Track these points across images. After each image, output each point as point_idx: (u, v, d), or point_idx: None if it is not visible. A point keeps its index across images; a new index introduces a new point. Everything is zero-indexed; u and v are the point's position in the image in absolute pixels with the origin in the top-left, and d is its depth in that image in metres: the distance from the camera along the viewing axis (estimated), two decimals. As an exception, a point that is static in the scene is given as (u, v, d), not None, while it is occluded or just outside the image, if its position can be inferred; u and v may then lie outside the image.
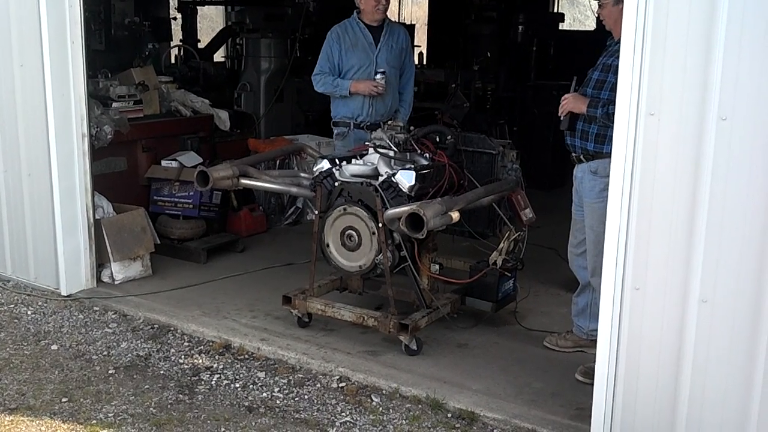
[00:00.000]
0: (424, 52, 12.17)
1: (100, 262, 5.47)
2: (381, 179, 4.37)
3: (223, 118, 7.19)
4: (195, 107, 7.03)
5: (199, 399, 4.00)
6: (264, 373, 4.28)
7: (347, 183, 4.47)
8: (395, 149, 4.52)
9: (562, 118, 4.21)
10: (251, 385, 4.15)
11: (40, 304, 5.21)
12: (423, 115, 7.84)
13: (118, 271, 5.50)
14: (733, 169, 3.03)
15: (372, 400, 3.99)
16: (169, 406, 3.92)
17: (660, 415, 3.33)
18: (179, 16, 10.21)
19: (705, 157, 3.07)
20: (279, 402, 3.98)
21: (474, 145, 4.74)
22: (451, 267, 4.98)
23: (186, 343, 4.65)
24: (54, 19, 5.01)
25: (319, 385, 4.15)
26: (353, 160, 4.59)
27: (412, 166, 4.36)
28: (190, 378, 4.23)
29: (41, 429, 3.71)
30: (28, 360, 4.41)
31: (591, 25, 16.89)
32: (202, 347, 4.59)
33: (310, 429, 3.74)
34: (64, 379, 4.18)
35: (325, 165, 4.58)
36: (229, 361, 4.42)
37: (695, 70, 3.05)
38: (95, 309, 5.12)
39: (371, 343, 4.57)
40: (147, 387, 4.11)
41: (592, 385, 3.52)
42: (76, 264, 5.33)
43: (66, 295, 5.28)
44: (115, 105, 6.22)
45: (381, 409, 3.91)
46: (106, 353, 4.51)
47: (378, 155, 4.48)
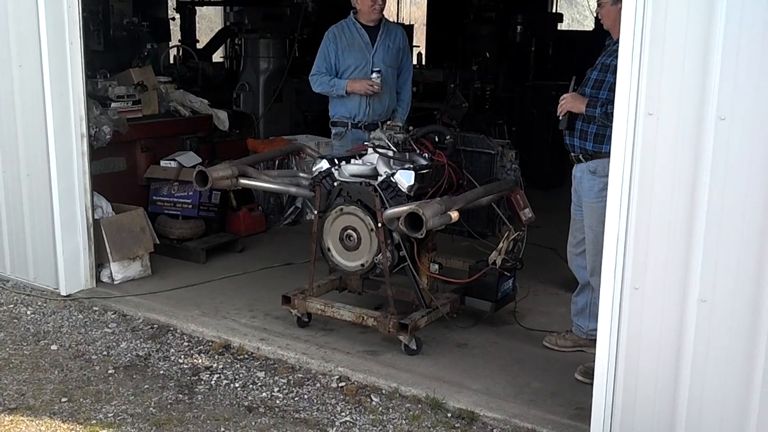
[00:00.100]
0: (423, 52, 12.17)
1: (100, 262, 5.47)
2: (380, 179, 4.37)
3: (222, 118, 7.20)
4: (194, 107, 7.04)
5: (199, 399, 4.00)
6: (263, 372, 4.28)
7: (346, 183, 4.47)
8: (394, 149, 4.52)
9: (560, 118, 4.21)
10: (251, 385, 4.15)
11: (40, 304, 5.21)
12: (422, 115, 7.86)
13: (118, 271, 5.50)
14: (731, 168, 3.03)
15: (371, 400, 3.99)
16: (168, 406, 3.92)
17: (659, 415, 3.33)
18: (178, 16, 10.21)
19: (703, 157, 3.07)
20: (278, 402, 3.98)
21: (473, 145, 4.75)
22: (451, 267, 4.98)
23: (185, 343, 4.65)
24: (52, 19, 5.01)
25: (318, 384, 4.15)
26: (352, 160, 4.59)
27: (411, 166, 4.36)
28: (189, 378, 4.23)
29: (41, 429, 3.71)
30: (28, 360, 4.41)
31: (589, 25, 16.92)
32: (202, 347, 4.60)
33: (310, 429, 3.74)
34: (64, 379, 4.18)
35: (324, 165, 4.58)
36: (229, 360, 4.42)
37: (694, 70, 3.05)
38: (95, 309, 5.12)
39: (371, 343, 4.57)
40: (146, 387, 4.11)
41: (592, 384, 3.52)
42: (76, 264, 5.33)
43: (65, 295, 5.28)
44: (113, 105, 6.23)
45: (381, 408, 3.91)
46: (105, 353, 4.51)
47: (377, 155, 4.48)
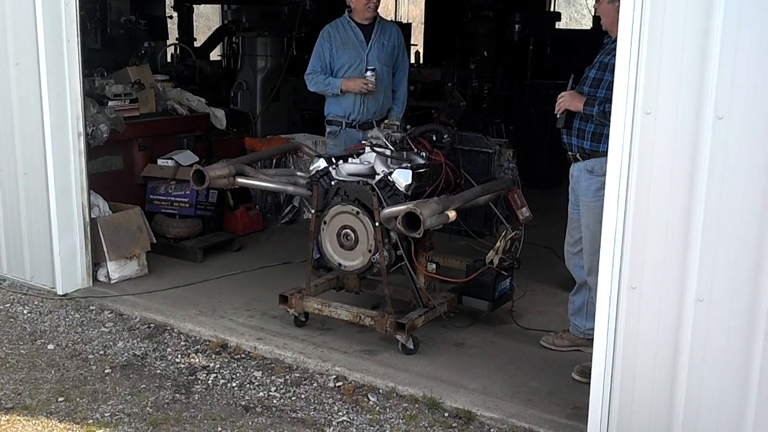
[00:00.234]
0: (421, 51, 12.15)
1: (96, 261, 5.46)
2: (377, 178, 4.36)
3: (219, 117, 7.19)
4: (191, 106, 7.03)
5: (196, 398, 4.00)
6: (261, 372, 4.27)
7: (344, 182, 4.46)
8: (392, 148, 4.52)
9: (558, 116, 4.20)
10: (248, 385, 4.14)
11: (36, 303, 5.20)
12: (419, 114, 7.85)
13: (114, 270, 5.49)
14: (729, 167, 3.03)
15: (369, 400, 3.99)
16: (165, 406, 3.92)
17: (657, 415, 3.33)
18: (175, 14, 10.18)
19: (701, 156, 3.06)
20: (276, 401, 3.98)
21: (470, 144, 4.75)
22: (448, 266, 4.98)
23: (182, 343, 4.64)
24: (50, 17, 5.00)
25: (315, 384, 4.14)
26: (350, 159, 4.59)
27: (409, 165, 4.36)
28: (186, 377, 4.22)
29: (37, 428, 3.70)
30: (25, 359, 4.40)
31: (587, 24, 16.92)
32: (199, 346, 4.59)
33: (307, 428, 3.73)
34: (61, 379, 4.17)
35: (321, 164, 4.58)
36: (226, 360, 4.41)
37: (692, 69, 3.05)
38: (91, 308, 5.11)
39: (368, 343, 4.56)
40: (143, 386, 4.11)
41: (589, 384, 3.51)
42: (72, 263, 5.32)
43: (62, 294, 5.27)
44: (111, 104, 6.22)
45: (378, 408, 3.91)
46: (102, 352, 4.50)
47: (374, 154, 4.48)
